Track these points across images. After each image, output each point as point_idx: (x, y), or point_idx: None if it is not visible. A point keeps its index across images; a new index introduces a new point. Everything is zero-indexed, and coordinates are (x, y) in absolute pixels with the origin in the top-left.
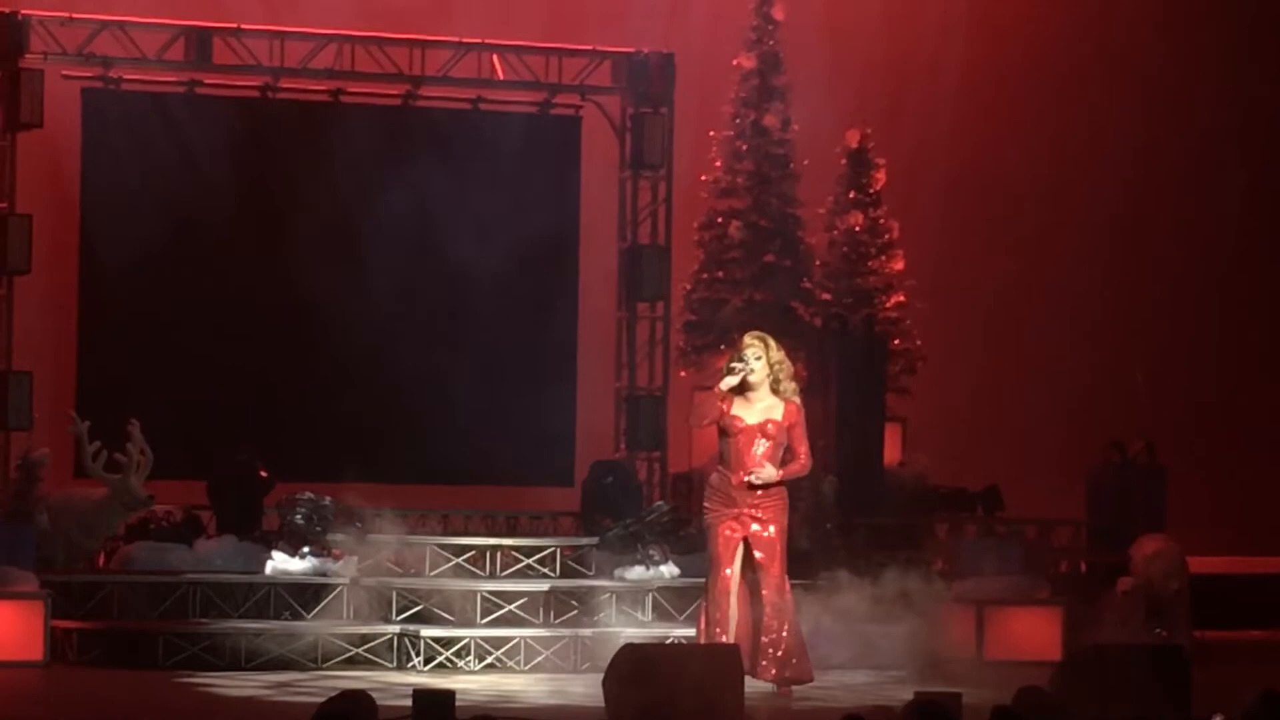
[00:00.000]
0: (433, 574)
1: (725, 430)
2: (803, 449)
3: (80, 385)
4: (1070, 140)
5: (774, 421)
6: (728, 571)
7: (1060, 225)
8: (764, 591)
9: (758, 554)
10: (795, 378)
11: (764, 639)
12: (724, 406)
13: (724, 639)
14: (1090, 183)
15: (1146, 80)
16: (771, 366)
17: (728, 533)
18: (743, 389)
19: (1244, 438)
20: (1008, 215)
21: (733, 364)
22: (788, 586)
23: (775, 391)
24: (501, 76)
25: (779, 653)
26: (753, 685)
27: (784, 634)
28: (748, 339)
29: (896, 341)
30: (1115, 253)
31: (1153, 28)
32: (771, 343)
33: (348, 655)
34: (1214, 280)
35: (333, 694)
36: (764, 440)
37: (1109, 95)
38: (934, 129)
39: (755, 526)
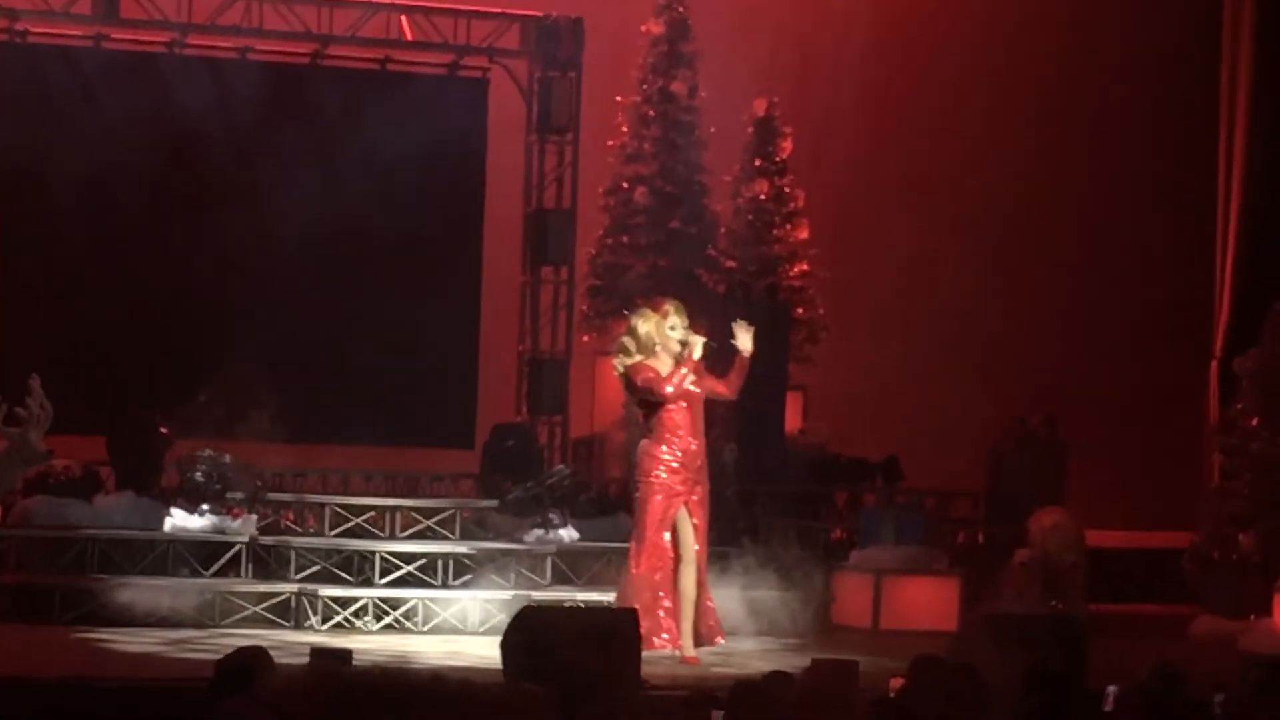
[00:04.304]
0: (332, 534)
1: (675, 400)
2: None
3: None
4: (976, 112)
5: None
6: (665, 539)
7: (964, 196)
8: (698, 556)
9: (694, 520)
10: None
11: (709, 603)
12: (675, 379)
13: (666, 604)
14: (995, 155)
15: (1055, 49)
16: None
17: (668, 501)
18: (674, 360)
19: (1142, 413)
20: (912, 186)
21: (683, 337)
22: None
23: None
24: (410, 38)
25: (715, 615)
26: (649, 651)
27: (710, 596)
28: (674, 308)
29: (799, 310)
30: (1019, 226)
31: None
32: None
33: (246, 614)
34: (1114, 255)
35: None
36: (698, 403)
37: (1017, 64)
38: (841, 99)
39: (695, 495)
